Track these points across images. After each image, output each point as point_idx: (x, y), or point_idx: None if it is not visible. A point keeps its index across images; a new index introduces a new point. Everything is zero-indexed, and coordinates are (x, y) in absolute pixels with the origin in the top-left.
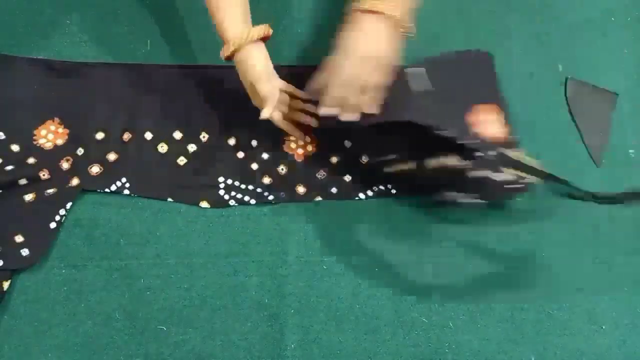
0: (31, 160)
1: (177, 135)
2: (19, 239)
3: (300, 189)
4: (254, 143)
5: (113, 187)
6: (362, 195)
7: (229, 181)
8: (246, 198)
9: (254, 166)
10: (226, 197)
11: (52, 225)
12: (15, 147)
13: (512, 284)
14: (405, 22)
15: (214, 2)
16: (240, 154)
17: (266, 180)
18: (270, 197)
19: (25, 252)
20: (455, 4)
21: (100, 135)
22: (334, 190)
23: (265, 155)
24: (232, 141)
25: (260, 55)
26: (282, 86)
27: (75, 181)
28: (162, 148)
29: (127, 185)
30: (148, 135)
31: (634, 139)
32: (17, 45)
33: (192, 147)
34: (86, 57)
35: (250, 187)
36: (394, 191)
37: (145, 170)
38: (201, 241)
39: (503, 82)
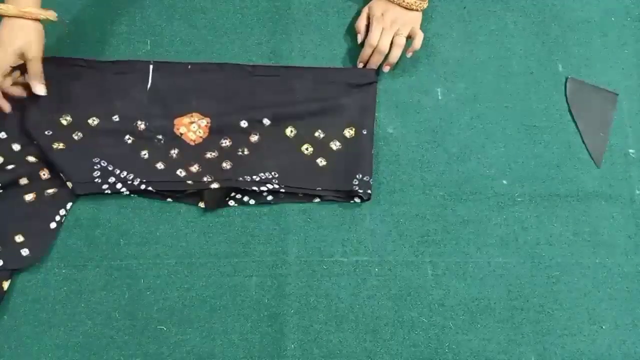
0: (31, 159)
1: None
2: (19, 239)
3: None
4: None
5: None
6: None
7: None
8: (245, 198)
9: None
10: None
11: (52, 225)
12: (16, 147)
13: (512, 284)
14: None
15: None
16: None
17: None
18: (270, 198)
19: (25, 252)
20: (456, 4)
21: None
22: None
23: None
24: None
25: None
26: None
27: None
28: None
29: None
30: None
31: (634, 139)
32: None
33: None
34: (86, 57)
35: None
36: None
37: None
38: (201, 241)
39: (503, 81)
